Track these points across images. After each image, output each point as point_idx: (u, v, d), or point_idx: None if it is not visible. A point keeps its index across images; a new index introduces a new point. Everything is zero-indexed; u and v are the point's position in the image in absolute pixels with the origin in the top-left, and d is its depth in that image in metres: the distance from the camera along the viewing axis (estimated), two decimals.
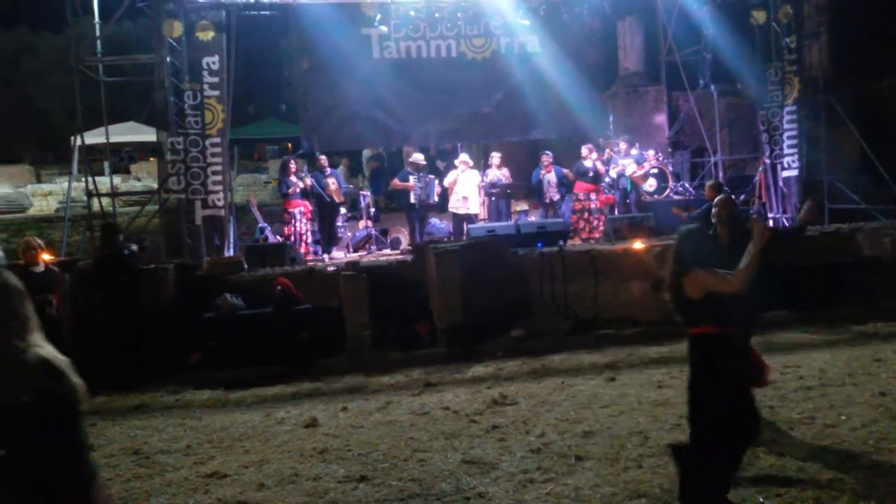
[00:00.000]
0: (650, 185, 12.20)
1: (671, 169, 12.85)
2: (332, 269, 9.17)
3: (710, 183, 9.25)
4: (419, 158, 12.21)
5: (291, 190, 11.02)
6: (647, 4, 13.32)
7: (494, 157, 12.27)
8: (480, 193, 12.01)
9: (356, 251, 11.74)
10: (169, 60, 10.05)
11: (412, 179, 11.73)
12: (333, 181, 11.77)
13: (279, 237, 11.34)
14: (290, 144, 29.13)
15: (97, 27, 10.99)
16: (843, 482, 4.19)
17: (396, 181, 12.24)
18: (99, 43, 10.97)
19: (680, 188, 12.59)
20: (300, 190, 11.10)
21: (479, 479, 4.58)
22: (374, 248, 11.83)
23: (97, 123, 13.02)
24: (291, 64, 13.31)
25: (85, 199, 10.87)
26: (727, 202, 5.04)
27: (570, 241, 10.65)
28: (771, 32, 12.00)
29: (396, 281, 8.87)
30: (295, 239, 10.94)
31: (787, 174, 12.01)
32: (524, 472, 4.64)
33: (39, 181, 24.28)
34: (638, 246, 9.02)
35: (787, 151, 12.00)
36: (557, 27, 11.75)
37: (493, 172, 12.02)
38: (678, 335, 7.11)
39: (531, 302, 8.86)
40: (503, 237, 9.74)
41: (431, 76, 11.42)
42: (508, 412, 5.95)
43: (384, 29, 11.18)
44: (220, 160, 10.30)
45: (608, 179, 12.22)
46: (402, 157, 16.68)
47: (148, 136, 18.16)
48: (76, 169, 12.06)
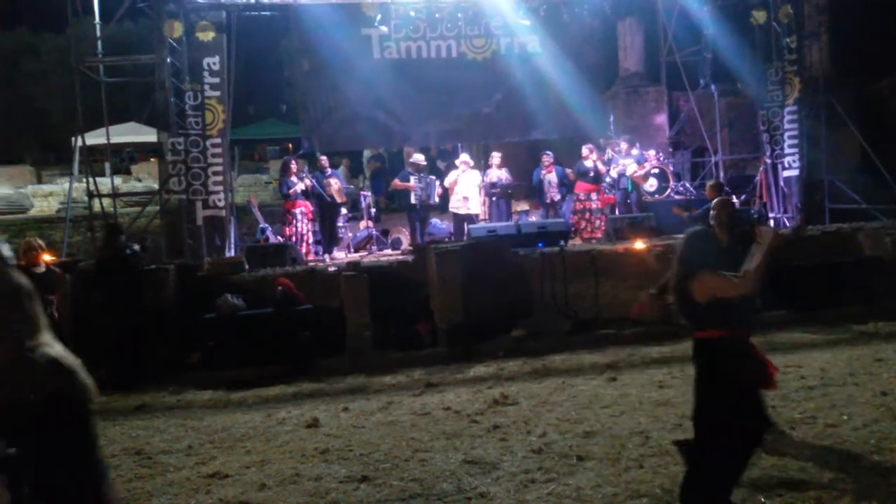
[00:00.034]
0: (651, 185, 12.20)
1: (672, 169, 12.86)
2: (332, 269, 9.17)
3: (710, 183, 9.25)
4: (420, 159, 12.21)
5: (292, 190, 11.01)
6: (647, 5, 13.32)
7: (495, 157, 12.26)
8: (481, 193, 12.00)
9: (357, 251, 11.73)
10: (169, 61, 10.06)
11: (413, 180, 11.73)
12: (336, 181, 11.78)
13: (280, 237, 11.34)
14: (290, 145, 29.13)
15: (98, 28, 11.01)
16: (844, 482, 4.19)
17: (397, 181, 12.24)
18: (100, 43, 10.98)
19: (681, 188, 12.59)
20: (301, 190, 11.10)
21: (480, 479, 4.58)
22: (374, 248, 11.83)
23: (98, 124, 13.03)
24: (292, 64, 13.31)
25: (86, 199, 10.89)
26: (725, 204, 5.04)
27: (570, 241, 10.65)
28: (771, 32, 11.99)
29: (397, 281, 8.87)
30: (296, 239, 10.93)
31: (787, 174, 12.00)
32: (525, 472, 4.64)
33: (40, 182, 24.27)
34: (639, 246, 9.03)
35: (787, 151, 12.00)
36: (558, 27, 11.75)
37: (493, 172, 12.02)
38: (679, 335, 7.16)
39: (532, 302, 8.87)
40: (504, 237, 9.75)
41: (432, 76, 11.42)
42: (509, 412, 5.95)
43: (384, 29, 11.18)
44: (220, 161, 10.31)
45: (609, 179, 12.21)
46: (402, 157, 16.69)
47: (149, 136, 18.16)
48: (77, 169, 12.09)
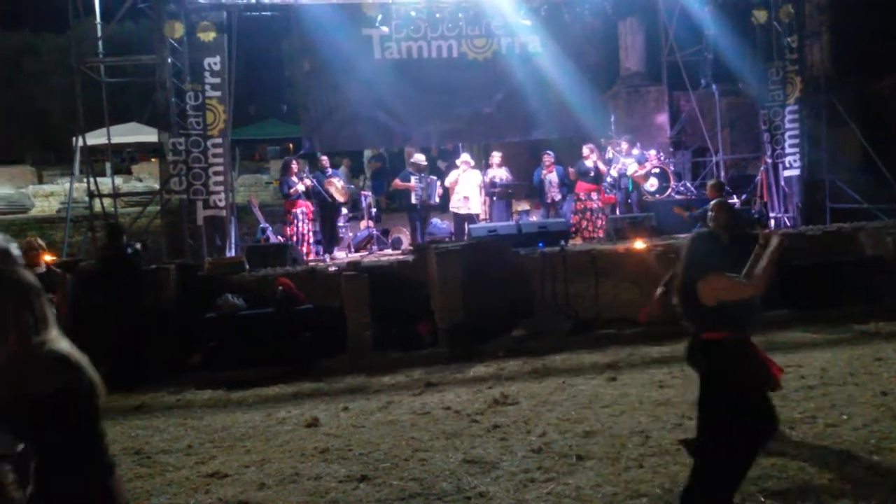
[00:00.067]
0: (651, 184, 12.19)
1: (673, 169, 12.85)
2: (333, 269, 9.17)
3: (711, 183, 9.26)
4: (420, 159, 12.21)
5: (293, 190, 11.01)
6: (648, 5, 13.31)
7: (495, 156, 12.27)
8: (481, 193, 12.01)
9: (357, 251, 11.73)
10: (170, 61, 10.07)
11: (413, 180, 11.74)
12: (338, 180, 11.79)
13: (281, 237, 11.34)
14: (291, 145, 29.12)
15: (99, 28, 11.02)
16: (844, 482, 4.19)
17: (398, 181, 12.24)
18: (100, 44, 10.99)
19: (681, 188, 12.59)
20: (301, 190, 11.10)
21: (480, 478, 4.58)
22: (375, 248, 11.83)
23: (99, 124, 13.04)
24: (292, 65, 13.32)
25: (86, 199, 10.90)
26: (722, 206, 5.00)
27: (571, 240, 10.65)
28: (772, 32, 11.99)
29: (398, 281, 8.87)
30: (297, 239, 10.94)
31: (788, 173, 12.00)
32: (525, 471, 4.64)
33: (41, 182, 24.27)
34: (639, 246, 9.02)
35: (788, 151, 11.99)
36: (559, 27, 11.75)
37: (493, 171, 12.03)
38: (679, 335, 7.14)
39: (532, 302, 8.87)
40: (504, 237, 9.75)
41: (432, 77, 11.42)
42: (509, 412, 5.95)
43: (385, 29, 11.18)
44: (221, 161, 10.32)
45: (609, 179, 12.21)
46: (403, 157, 16.68)
47: (149, 136, 18.16)
48: (78, 169, 12.12)
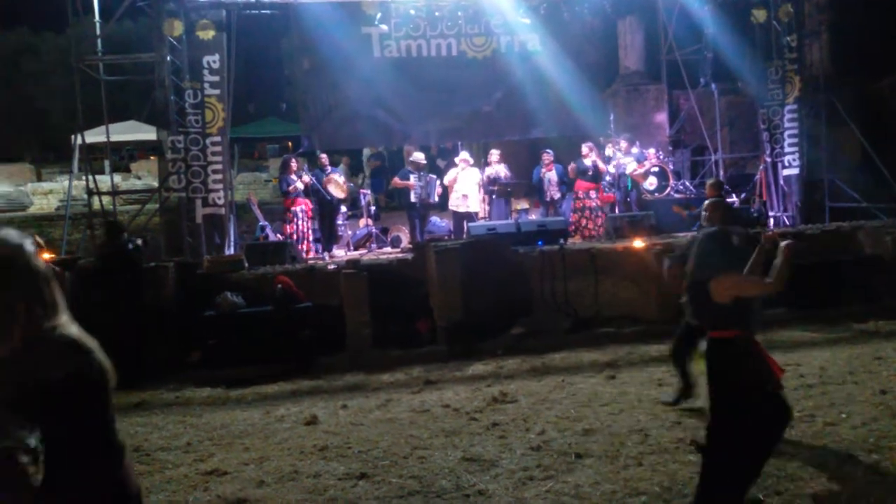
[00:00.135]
0: (651, 183, 12.19)
1: (672, 167, 12.84)
2: (332, 267, 9.17)
3: (710, 181, 9.23)
4: (419, 157, 12.21)
5: (292, 188, 11.01)
6: (647, 3, 13.29)
7: (493, 153, 12.28)
8: (480, 191, 12.01)
9: (357, 249, 11.73)
10: (169, 59, 10.05)
11: (413, 178, 11.74)
12: (338, 175, 11.80)
13: (280, 235, 11.34)
14: (290, 143, 29.13)
15: (98, 26, 11.00)
16: (842, 481, 4.19)
17: (397, 180, 12.25)
18: (99, 42, 10.98)
19: (680, 186, 12.59)
20: (301, 188, 11.10)
21: (479, 476, 4.58)
22: (374, 246, 11.84)
23: (98, 122, 13.04)
24: (292, 63, 13.27)
25: (85, 197, 10.88)
26: (717, 205, 4.98)
27: (570, 239, 10.65)
28: (772, 31, 11.98)
29: (397, 279, 8.87)
30: (297, 237, 10.94)
31: (787, 173, 11.99)
32: (524, 469, 4.64)
33: (40, 180, 24.29)
34: (638, 244, 9.02)
35: (787, 150, 11.99)
36: (558, 26, 11.74)
37: (491, 168, 12.03)
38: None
39: (531, 300, 8.86)
40: (503, 235, 9.74)
41: (432, 75, 11.40)
42: (508, 410, 5.95)
43: (384, 28, 11.17)
44: (220, 159, 10.30)
45: (609, 178, 12.21)
46: (402, 155, 16.69)
47: (148, 134, 18.22)
48: (77, 167, 12.07)
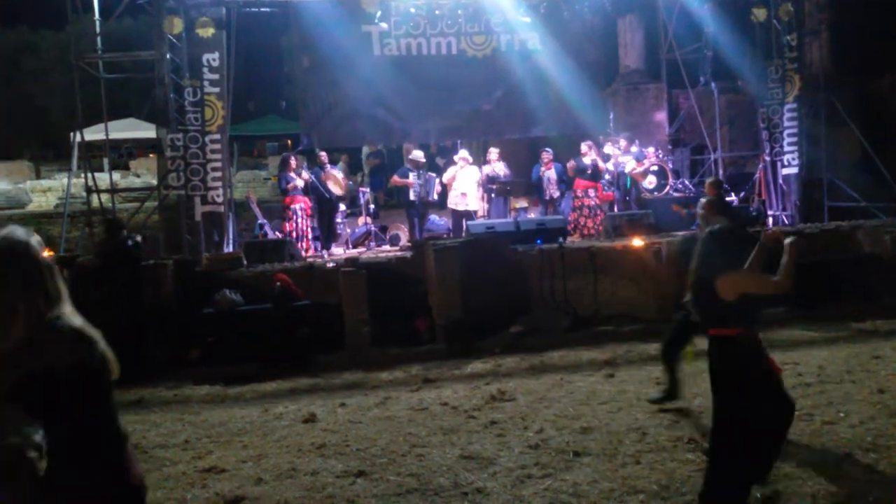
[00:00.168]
0: (650, 182, 12.20)
1: (671, 166, 12.86)
2: (331, 265, 9.17)
3: (709, 180, 9.21)
4: (419, 155, 12.22)
5: (291, 185, 11.00)
6: (647, 2, 13.31)
7: (492, 152, 12.28)
8: (479, 190, 12.01)
9: (355, 247, 11.73)
10: (169, 57, 10.05)
11: (412, 176, 11.74)
12: (338, 171, 11.81)
13: (279, 233, 11.34)
14: (289, 141, 29.11)
15: (97, 24, 10.99)
16: (840, 479, 4.19)
17: (396, 178, 12.25)
18: (99, 40, 10.97)
19: (680, 185, 12.60)
20: (300, 186, 11.10)
21: (477, 474, 4.58)
22: (373, 244, 11.84)
23: (97, 120, 13.03)
24: (292, 61, 13.29)
25: (84, 195, 10.89)
26: (713, 204, 4.97)
27: (569, 237, 10.65)
28: (772, 30, 11.98)
29: (396, 277, 8.87)
30: (296, 235, 10.94)
31: (787, 172, 12.00)
32: (522, 467, 4.64)
33: (39, 177, 24.24)
34: (637, 243, 9.02)
35: (787, 149, 12.00)
36: (558, 24, 11.74)
37: (490, 166, 12.03)
38: None
39: (530, 298, 8.86)
40: (502, 234, 9.75)
41: (432, 73, 11.41)
42: (507, 408, 5.95)
43: (384, 26, 11.17)
44: (219, 157, 10.31)
45: (608, 176, 12.21)
46: (401, 154, 16.68)
47: (148, 132, 18.17)
48: (76, 165, 12.08)
